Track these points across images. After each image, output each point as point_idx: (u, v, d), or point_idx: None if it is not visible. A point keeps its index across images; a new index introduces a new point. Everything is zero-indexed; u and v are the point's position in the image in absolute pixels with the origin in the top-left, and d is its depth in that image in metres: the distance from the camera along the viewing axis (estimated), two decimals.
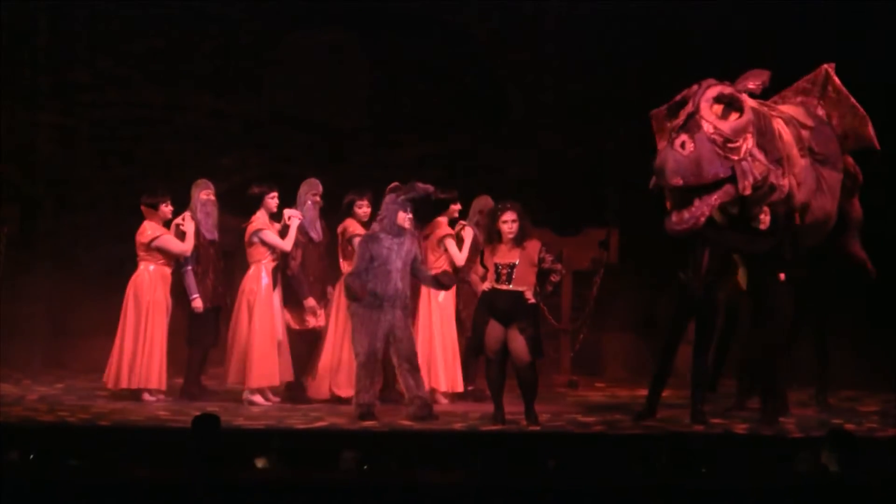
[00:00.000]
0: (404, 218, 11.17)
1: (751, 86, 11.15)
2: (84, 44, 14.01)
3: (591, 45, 13.68)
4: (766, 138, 10.93)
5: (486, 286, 11.03)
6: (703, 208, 10.77)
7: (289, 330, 12.07)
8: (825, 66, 11.80)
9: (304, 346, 12.12)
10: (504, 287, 10.95)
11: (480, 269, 11.17)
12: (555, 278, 11.12)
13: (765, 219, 10.99)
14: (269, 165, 13.93)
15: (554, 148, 14.18)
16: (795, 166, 11.18)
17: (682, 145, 10.65)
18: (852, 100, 11.73)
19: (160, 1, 14.02)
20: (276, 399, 12.00)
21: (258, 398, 11.89)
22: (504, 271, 10.96)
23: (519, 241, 10.98)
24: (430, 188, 11.37)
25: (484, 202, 12.29)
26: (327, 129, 14.28)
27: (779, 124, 11.31)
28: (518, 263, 10.95)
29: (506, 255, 10.99)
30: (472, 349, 11.32)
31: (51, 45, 13.97)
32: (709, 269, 11.21)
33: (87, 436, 10.16)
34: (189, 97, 14.20)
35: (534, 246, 11.02)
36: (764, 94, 11.43)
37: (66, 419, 10.91)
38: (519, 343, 10.88)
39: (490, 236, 11.13)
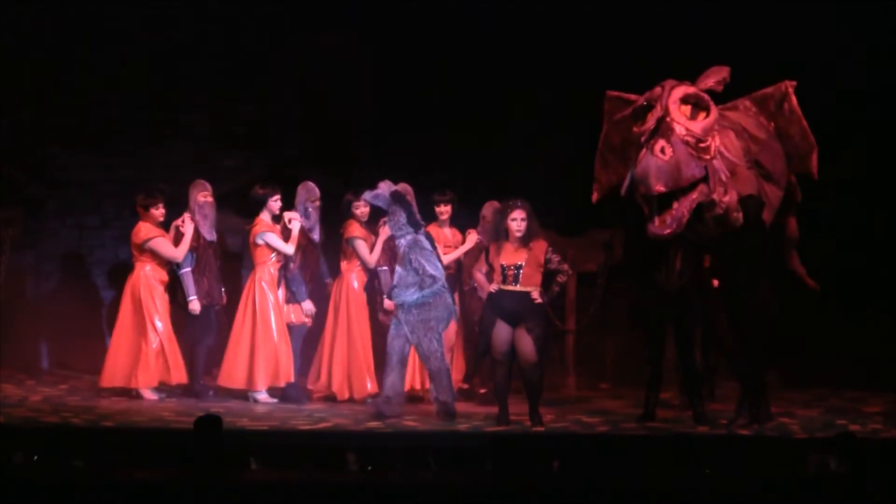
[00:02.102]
0: (381, 224, 11.54)
1: (711, 83, 11.16)
2: (88, 45, 14.00)
3: (594, 44, 13.66)
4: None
5: (492, 287, 11.01)
6: (683, 210, 10.78)
7: (288, 327, 12.08)
8: (787, 83, 11.78)
9: (303, 343, 12.15)
10: (511, 288, 10.94)
11: (484, 267, 11.15)
12: (561, 279, 11.10)
13: (738, 216, 10.99)
14: (272, 166, 13.92)
15: (557, 148, 14.15)
16: (739, 180, 11.20)
17: (662, 150, 10.67)
18: (804, 123, 11.73)
19: (163, 2, 14.01)
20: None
21: (264, 397, 11.90)
22: (510, 272, 10.95)
23: (526, 240, 10.97)
24: (383, 202, 11.29)
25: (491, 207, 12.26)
26: (330, 130, 14.26)
27: (727, 137, 11.31)
28: (524, 264, 10.94)
29: (512, 255, 10.97)
30: (479, 350, 11.31)
31: (54, 46, 13.96)
32: (681, 270, 11.16)
33: (91, 437, 10.15)
34: (193, 98, 14.18)
35: (540, 246, 11.00)
36: (724, 95, 11.45)
37: (70, 420, 10.91)
38: (526, 343, 10.87)
39: (497, 234, 11.12)
